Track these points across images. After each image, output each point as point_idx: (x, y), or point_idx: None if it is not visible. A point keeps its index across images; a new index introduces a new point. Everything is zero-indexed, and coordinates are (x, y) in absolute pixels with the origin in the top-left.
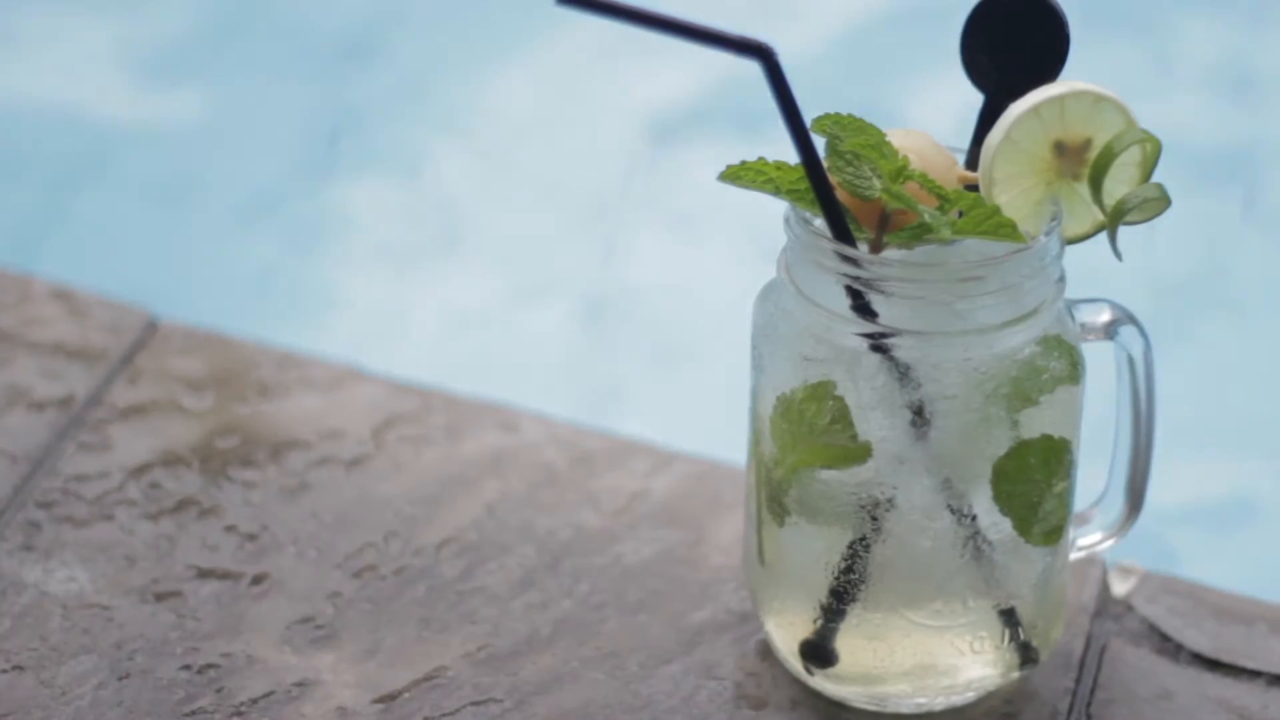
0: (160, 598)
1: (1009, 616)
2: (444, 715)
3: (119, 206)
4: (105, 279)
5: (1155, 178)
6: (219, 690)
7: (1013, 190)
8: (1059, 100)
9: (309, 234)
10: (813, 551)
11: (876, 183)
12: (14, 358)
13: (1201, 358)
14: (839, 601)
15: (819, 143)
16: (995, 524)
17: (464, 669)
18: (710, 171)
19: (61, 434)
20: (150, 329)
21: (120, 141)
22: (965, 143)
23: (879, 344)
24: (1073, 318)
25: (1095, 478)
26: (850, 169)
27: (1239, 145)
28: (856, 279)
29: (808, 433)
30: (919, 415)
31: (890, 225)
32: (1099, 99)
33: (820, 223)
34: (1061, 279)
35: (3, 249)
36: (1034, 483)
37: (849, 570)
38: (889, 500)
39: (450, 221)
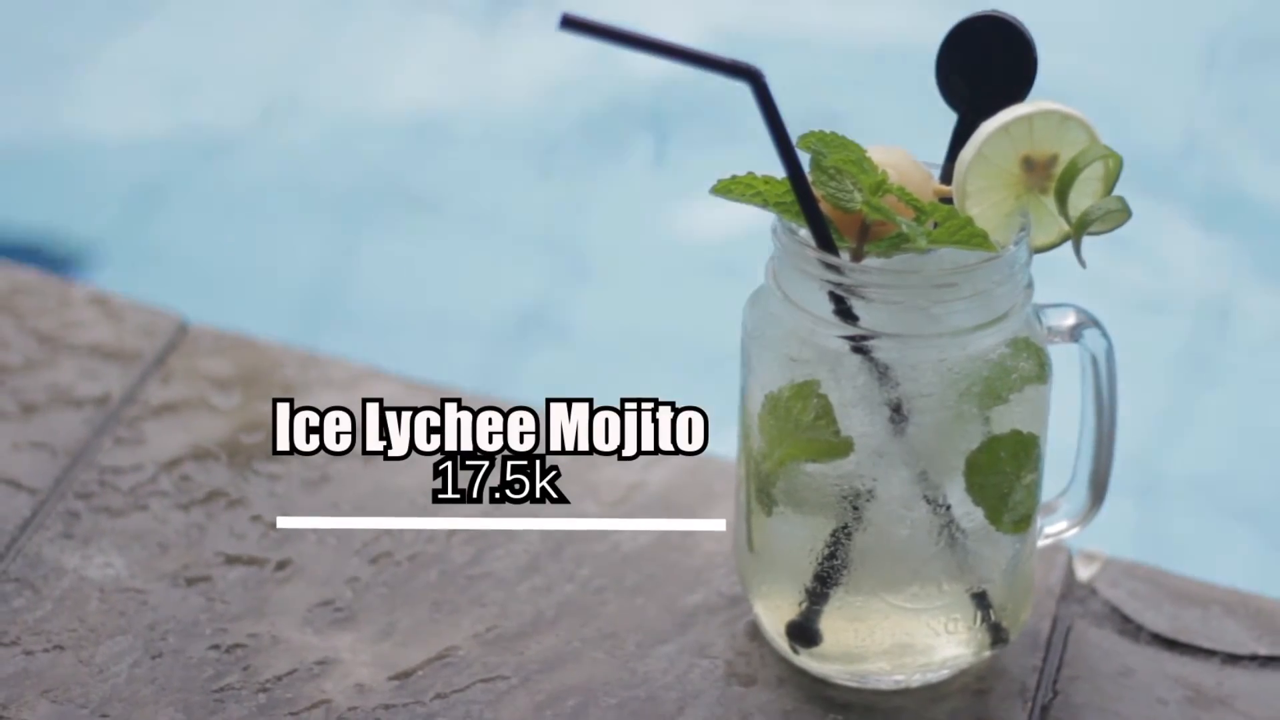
0: (191, 582)
1: (981, 599)
2: (455, 691)
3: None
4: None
5: (1116, 191)
6: (246, 668)
7: (984, 203)
8: (1028, 119)
9: None
10: (798, 539)
11: (857, 195)
12: (55, 359)
13: None
14: (822, 585)
15: (804, 158)
16: (968, 513)
17: (473, 648)
18: None
19: (99, 430)
20: (181, 331)
21: None
22: (940, 158)
23: (860, 346)
24: (1040, 321)
25: (1061, 470)
26: (833, 183)
27: None
28: (839, 285)
29: (794, 428)
30: (897, 412)
31: (870, 235)
32: (1065, 118)
33: (805, 233)
34: (1030, 285)
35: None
36: (1004, 475)
37: (832, 556)
38: (869, 491)
39: None
